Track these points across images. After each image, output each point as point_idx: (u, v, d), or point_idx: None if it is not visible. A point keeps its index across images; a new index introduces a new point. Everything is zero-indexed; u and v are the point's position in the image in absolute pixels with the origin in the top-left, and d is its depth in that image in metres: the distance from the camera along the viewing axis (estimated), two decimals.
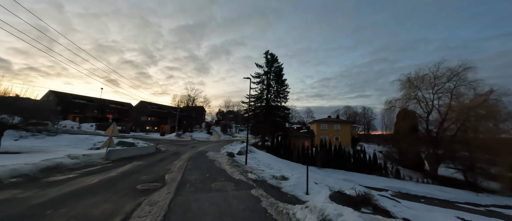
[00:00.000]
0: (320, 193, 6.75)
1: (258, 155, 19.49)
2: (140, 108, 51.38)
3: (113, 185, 6.44)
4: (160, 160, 13.06)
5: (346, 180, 21.31)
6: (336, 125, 43.14)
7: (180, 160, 13.33)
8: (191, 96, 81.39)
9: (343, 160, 26.78)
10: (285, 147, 28.37)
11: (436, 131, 27.01)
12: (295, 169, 18.25)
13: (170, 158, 14.02)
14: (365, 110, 78.08)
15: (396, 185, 20.91)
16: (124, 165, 10.40)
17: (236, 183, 7.25)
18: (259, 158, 17.93)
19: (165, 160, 13.00)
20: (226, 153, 16.19)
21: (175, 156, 15.19)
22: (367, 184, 20.73)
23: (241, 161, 13.21)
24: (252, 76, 36.62)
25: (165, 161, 12.52)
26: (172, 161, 12.56)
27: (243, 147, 19.78)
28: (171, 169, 9.96)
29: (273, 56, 36.28)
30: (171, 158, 14.02)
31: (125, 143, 16.77)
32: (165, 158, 13.89)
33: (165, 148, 20.96)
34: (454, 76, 25.60)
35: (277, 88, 36.06)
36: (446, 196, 18.78)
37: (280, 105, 35.71)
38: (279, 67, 36.17)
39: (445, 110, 26.47)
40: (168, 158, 13.97)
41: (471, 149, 24.66)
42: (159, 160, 13.04)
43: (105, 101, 62.05)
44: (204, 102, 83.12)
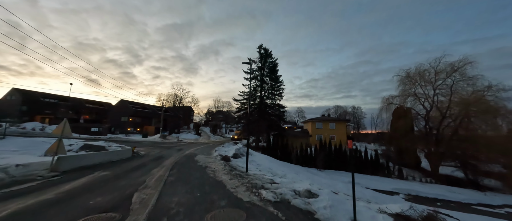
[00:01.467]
0: (376, 219, 4.42)
1: (256, 157, 16.98)
2: (120, 108, 46.85)
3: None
4: (135, 168, 10.13)
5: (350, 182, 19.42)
6: (332, 123, 41.74)
7: (162, 167, 10.48)
8: (178, 96, 77.13)
9: (344, 161, 25.01)
10: (282, 148, 26.11)
11: (437, 128, 26.12)
12: (301, 173, 15.97)
13: (149, 165, 11.10)
14: (354, 109, 78.49)
15: (404, 186, 19.35)
16: (78, 178, 7.45)
17: (249, 212, 4.62)
18: (257, 161, 15.42)
19: (141, 168, 10.09)
20: (219, 156, 13.53)
21: (155, 162, 12.26)
22: (374, 186, 18.98)
23: (239, 167, 10.64)
24: (245, 72, 34.08)
25: (140, 170, 9.62)
26: (150, 170, 9.70)
27: (238, 148, 17.19)
28: (146, 182, 7.18)
29: (267, 51, 34.00)
30: (149, 165, 11.11)
31: (93, 147, 13.54)
32: (142, 165, 10.96)
33: (146, 151, 17.82)
34: (454, 71, 24.77)
35: (271, 84, 33.80)
36: (457, 197, 17.45)
37: (275, 102, 33.47)
38: (273, 62, 33.95)
39: (445, 107, 25.62)
40: (145, 165, 11.05)
41: (471, 146, 23.85)
42: (133, 168, 10.10)
43: (80, 100, 56.45)
44: (192, 102, 79.08)
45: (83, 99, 57.26)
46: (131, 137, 33.34)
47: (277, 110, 33.32)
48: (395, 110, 32.12)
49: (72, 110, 51.10)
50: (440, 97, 25.95)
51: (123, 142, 25.61)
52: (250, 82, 33.87)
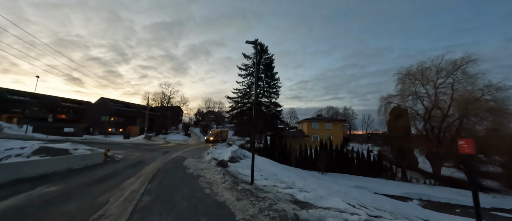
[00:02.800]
0: None
1: (256, 159, 14.72)
2: (100, 106, 42.72)
3: None
4: (101, 179, 7.56)
5: (359, 187, 17.75)
6: (328, 123, 40.36)
7: (139, 177, 7.99)
8: (166, 94, 73.11)
9: (345, 163, 23.41)
10: (280, 149, 24.06)
11: (438, 128, 25.27)
12: (307, 178, 13.93)
13: (123, 174, 8.55)
14: (346, 110, 78.49)
15: (412, 190, 17.95)
16: (3, 199, 4.85)
17: None
18: (257, 165, 13.18)
19: (111, 179, 7.55)
20: (213, 161, 11.18)
21: (132, 169, 9.69)
22: (382, 191, 17.39)
23: (241, 174, 8.39)
24: (239, 68, 31.80)
25: (108, 182, 7.10)
26: (122, 181, 7.19)
27: (234, 151, 14.87)
28: (108, 205, 4.76)
29: (263, 46, 31.94)
30: (123, 174, 8.56)
31: (52, 151, 10.67)
32: (112, 174, 8.38)
33: (124, 155, 15.01)
34: (456, 69, 24.01)
35: (267, 81, 31.77)
36: (470, 202, 16.28)
37: (271, 101, 31.44)
38: (270, 58, 31.95)
39: (447, 106, 24.83)
40: (118, 174, 8.48)
41: None
42: (98, 179, 7.53)
43: (55, 98, 51.42)
44: (181, 102, 75.30)
45: (59, 97, 52.24)
46: (111, 138, 29.84)
47: (273, 109, 31.29)
48: (392, 110, 31.14)
49: (45, 108, 46.20)
50: (441, 95, 25.14)
51: (100, 144, 22.36)
52: (245, 78, 31.78)
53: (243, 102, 31.80)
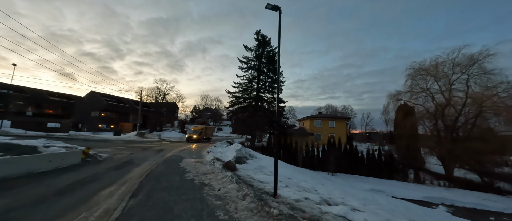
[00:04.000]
0: None
1: (263, 160, 12.84)
2: (90, 101, 40.02)
3: None
4: (66, 188, 5.54)
5: (374, 190, 16.07)
6: (331, 121, 38.73)
7: (121, 184, 5.99)
8: (161, 90, 70.51)
9: (355, 163, 21.75)
10: (285, 148, 22.23)
11: (452, 127, 23.85)
12: (325, 182, 12.12)
13: (100, 180, 6.53)
14: (345, 108, 77.28)
15: (432, 193, 16.38)
16: None
17: None
18: (267, 165, 11.30)
19: (78, 190, 5.52)
20: (217, 162, 9.21)
21: (115, 173, 7.67)
22: (400, 194, 15.74)
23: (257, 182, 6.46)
24: (239, 60, 29.74)
25: (73, 194, 5.08)
26: (95, 193, 5.19)
27: (238, 150, 12.92)
28: None
29: (265, 38, 29.90)
30: (101, 180, 6.53)
31: (16, 148, 8.53)
32: (85, 182, 6.34)
33: (111, 153, 12.90)
34: (473, 64, 22.54)
35: (269, 76, 29.79)
36: (497, 207, 14.76)
37: (273, 96, 29.50)
38: (272, 51, 29.94)
39: (461, 104, 23.40)
40: (93, 181, 6.45)
41: (487, 147, 21.77)
42: (62, 189, 5.50)
43: (42, 92, 48.42)
44: (177, 98, 72.86)
45: (46, 90, 49.16)
46: (100, 135, 27.47)
47: (275, 105, 29.32)
48: (399, 107, 29.62)
49: (31, 103, 43.25)
50: (456, 92, 23.69)
51: (85, 141, 20.10)
52: (246, 72, 29.74)
53: (243, 97, 29.78)
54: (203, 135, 28.72)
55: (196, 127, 30.66)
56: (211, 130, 35.27)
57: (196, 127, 30.22)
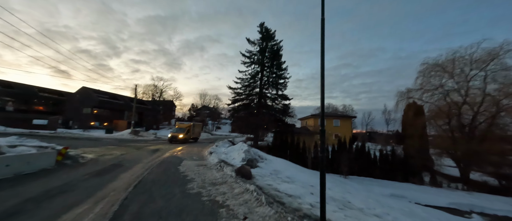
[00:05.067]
0: None
1: (274, 163, 11.13)
2: (82, 96, 37.81)
3: None
4: (4, 211, 3.68)
5: (395, 195, 14.51)
6: (336, 120, 37.31)
7: (97, 201, 4.26)
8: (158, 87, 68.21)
9: (367, 164, 20.21)
10: (293, 148, 20.56)
11: (468, 127, 22.45)
12: (351, 189, 10.47)
13: (70, 193, 4.78)
14: (345, 108, 75.98)
15: (458, 199, 14.89)
16: None
17: None
18: (280, 168, 9.60)
19: (30, 210, 3.71)
20: (225, 166, 7.48)
21: (95, 182, 5.90)
22: (423, 200, 14.17)
23: (285, 195, 4.73)
24: (242, 54, 27.93)
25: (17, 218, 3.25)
26: (56, 216, 3.38)
27: (246, 150, 11.16)
28: None
29: (269, 31, 28.14)
30: (72, 193, 4.79)
31: None
32: (49, 195, 4.58)
33: (97, 154, 11.05)
34: (492, 59, 21.15)
35: (272, 71, 28.01)
36: None
37: (278, 93, 27.76)
38: (277, 45, 28.19)
39: (478, 102, 22.00)
40: (59, 195, 4.69)
41: (506, 148, 20.43)
42: (4, 211, 3.65)
43: (31, 87, 45.87)
44: (174, 96, 70.67)
45: (36, 86, 46.66)
46: (91, 133, 25.44)
47: (280, 103, 27.65)
48: (408, 106, 28.16)
49: (18, 98, 40.79)
50: (473, 90, 22.29)
51: (72, 139, 18.17)
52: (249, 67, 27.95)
53: (246, 94, 28.00)
54: (191, 134, 23.16)
55: (181, 124, 24.59)
56: (200, 128, 29.02)
57: (182, 124, 24.11)
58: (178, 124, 24.35)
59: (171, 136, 21.02)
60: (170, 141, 20.64)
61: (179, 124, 24.33)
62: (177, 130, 22.18)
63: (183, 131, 21.86)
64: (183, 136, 21.11)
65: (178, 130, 22.25)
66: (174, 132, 21.67)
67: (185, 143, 20.48)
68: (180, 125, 23.89)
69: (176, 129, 22.63)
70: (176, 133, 21.37)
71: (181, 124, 24.28)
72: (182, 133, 21.45)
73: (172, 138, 20.70)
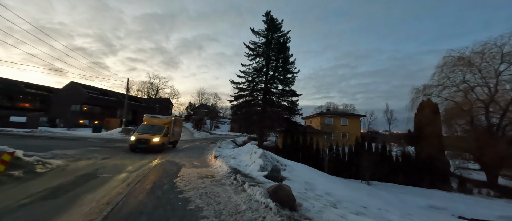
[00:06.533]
0: None
1: (298, 170, 8.72)
2: (70, 93, 34.88)
3: None
4: None
5: (433, 207, 12.28)
6: (344, 119, 35.06)
7: None
8: (154, 85, 65.38)
9: (388, 168, 17.98)
10: (305, 150, 18.21)
11: (497, 127, 20.39)
12: (389, 203, 8.16)
13: None
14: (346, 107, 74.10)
15: (507, 211, 12.74)
16: None
17: None
18: (313, 181, 7.20)
19: None
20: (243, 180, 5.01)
21: (42, 207, 3.41)
22: (467, 213, 12.00)
23: None
24: (246, 46, 25.49)
25: None
26: None
27: (262, 154, 8.74)
28: None
29: (275, 21, 25.69)
30: None
31: None
32: None
33: (72, 159, 8.57)
34: None
35: (278, 65, 25.58)
36: None
37: (285, 89, 25.37)
38: (284, 36, 25.79)
39: (508, 99, 19.96)
40: None
41: None
42: None
43: (17, 83, 42.69)
44: (171, 94, 67.94)
45: (22, 81, 43.44)
46: (77, 131, 22.71)
47: (287, 99, 25.24)
48: (421, 104, 25.99)
49: (4, 95, 37.65)
50: (502, 85, 20.21)
51: (49, 139, 15.51)
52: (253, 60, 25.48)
53: (249, 90, 25.55)
54: (170, 137, 14.07)
55: (155, 119, 14.23)
56: (181, 126, 19.03)
57: (156, 120, 14.04)
58: (148, 119, 14.08)
59: (135, 139, 11.89)
60: (132, 148, 11.92)
61: (150, 119, 14.06)
62: (146, 129, 12.85)
63: (158, 131, 12.72)
64: (159, 140, 12.06)
65: (148, 129, 12.89)
66: (141, 133, 12.37)
67: (160, 152, 12.19)
68: (152, 121, 13.85)
69: (145, 128, 13.06)
70: (145, 135, 12.14)
71: (154, 119, 14.06)
72: (157, 134, 12.31)
73: (137, 143, 11.80)
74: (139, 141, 11.87)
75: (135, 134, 12.49)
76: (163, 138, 12.76)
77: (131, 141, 12.11)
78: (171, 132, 14.16)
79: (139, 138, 11.95)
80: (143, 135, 12.14)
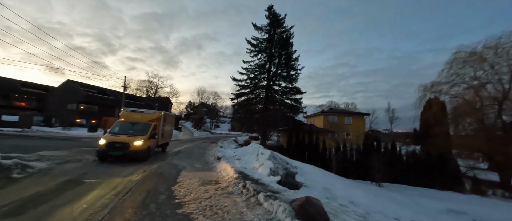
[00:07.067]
0: None
1: (312, 174, 7.84)
2: (67, 91, 33.94)
3: None
4: None
5: (452, 211, 11.43)
6: (347, 118, 34.19)
7: None
8: (153, 84, 64.41)
9: (399, 168, 17.12)
10: (311, 149, 17.33)
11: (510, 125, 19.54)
12: (407, 207, 7.30)
13: None
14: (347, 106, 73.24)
15: None
16: None
17: None
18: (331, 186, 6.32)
19: None
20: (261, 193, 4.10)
21: None
22: (487, 217, 11.17)
23: None
24: (248, 42, 24.56)
25: None
26: None
27: (272, 156, 7.86)
28: None
29: (277, 16, 24.73)
30: None
31: None
32: None
33: (58, 161, 7.74)
34: None
35: (280, 63, 24.64)
36: None
37: (288, 86, 24.46)
38: (287, 32, 24.84)
39: None
40: None
41: None
42: None
43: (13, 81, 41.76)
44: (170, 93, 67.03)
45: (17, 80, 42.48)
46: (72, 131, 21.80)
47: (291, 96, 24.34)
48: (427, 102, 25.08)
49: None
50: None
51: (41, 139, 14.61)
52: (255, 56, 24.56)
53: (251, 87, 24.65)
54: (159, 139, 10.48)
55: (137, 114, 10.46)
56: (172, 124, 15.11)
57: (138, 116, 10.31)
58: (126, 114, 10.40)
59: (106, 143, 8.24)
60: (101, 156, 8.30)
61: (129, 114, 10.38)
62: (124, 129, 9.36)
63: (142, 131, 9.27)
64: (142, 144, 8.60)
65: (127, 128, 9.43)
66: (116, 134, 8.92)
67: (143, 160, 8.70)
68: (133, 117, 10.21)
69: (122, 127, 9.52)
70: (122, 137, 8.68)
71: (135, 114, 10.39)
72: (139, 136, 8.89)
73: (108, 149, 8.23)
74: (112, 146, 8.04)
75: (106, 136, 8.54)
76: (149, 141, 8.98)
77: (100, 146, 8.11)
78: (161, 132, 10.41)
79: (112, 142, 8.12)
80: (119, 137, 8.44)
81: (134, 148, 8.26)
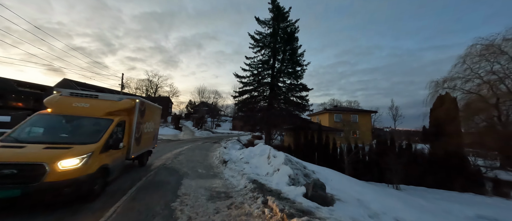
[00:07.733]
0: None
1: (334, 181, 6.70)
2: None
3: None
4: None
5: (482, 218, 10.33)
6: (354, 116, 33.03)
7: None
8: (153, 83, 63.32)
9: (416, 169, 15.98)
10: (321, 150, 16.21)
11: None
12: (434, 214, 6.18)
13: None
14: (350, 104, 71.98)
15: None
16: None
17: None
18: (362, 197, 5.19)
19: None
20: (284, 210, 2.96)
21: None
22: None
23: None
24: (251, 37, 23.39)
25: None
26: None
27: (288, 160, 6.74)
28: None
29: (281, 9, 23.49)
30: None
31: None
32: None
33: None
34: None
35: (285, 58, 23.44)
36: None
37: (293, 83, 23.28)
38: (291, 26, 23.62)
39: None
40: None
41: None
42: None
43: (10, 81, 40.76)
44: (170, 92, 66.04)
45: (14, 80, 41.49)
46: None
47: (297, 93, 23.18)
48: (438, 98, 23.88)
49: None
50: None
51: None
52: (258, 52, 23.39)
53: (255, 84, 23.50)
54: (131, 146, 5.78)
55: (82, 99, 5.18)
56: (156, 117, 9.02)
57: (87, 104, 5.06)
58: (60, 100, 5.19)
59: None
60: None
61: (66, 100, 5.20)
62: (49, 129, 4.73)
63: (88, 134, 4.58)
64: (77, 166, 3.62)
65: (53, 127, 4.78)
66: (16, 143, 3.81)
67: (86, 200, 3.90)
68: (70, 107, 5.03)
69: (44, 124, 4.87)
70: (24, 150, 3.55)
71: (80, 100, 5.20)
72: (80, 145, 3.98)
73: None
74: None
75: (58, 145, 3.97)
76: (104, 155, 4.41)
77: None
78: (134, 134, 5.95)
79: None
80: (17, 151, 3.56)
81: (58, 175, 3.44)
